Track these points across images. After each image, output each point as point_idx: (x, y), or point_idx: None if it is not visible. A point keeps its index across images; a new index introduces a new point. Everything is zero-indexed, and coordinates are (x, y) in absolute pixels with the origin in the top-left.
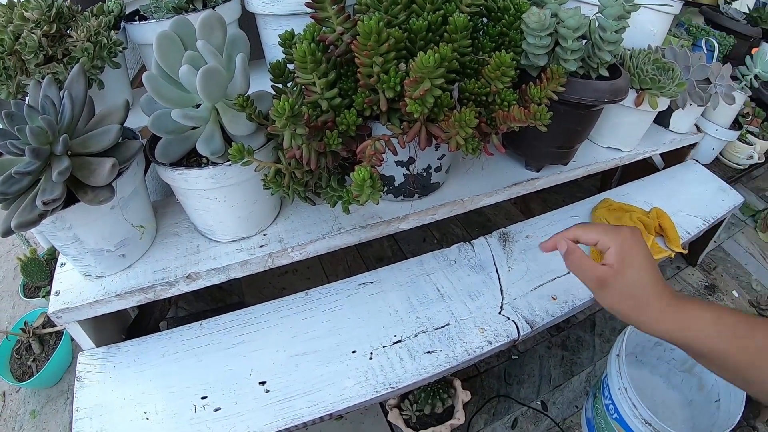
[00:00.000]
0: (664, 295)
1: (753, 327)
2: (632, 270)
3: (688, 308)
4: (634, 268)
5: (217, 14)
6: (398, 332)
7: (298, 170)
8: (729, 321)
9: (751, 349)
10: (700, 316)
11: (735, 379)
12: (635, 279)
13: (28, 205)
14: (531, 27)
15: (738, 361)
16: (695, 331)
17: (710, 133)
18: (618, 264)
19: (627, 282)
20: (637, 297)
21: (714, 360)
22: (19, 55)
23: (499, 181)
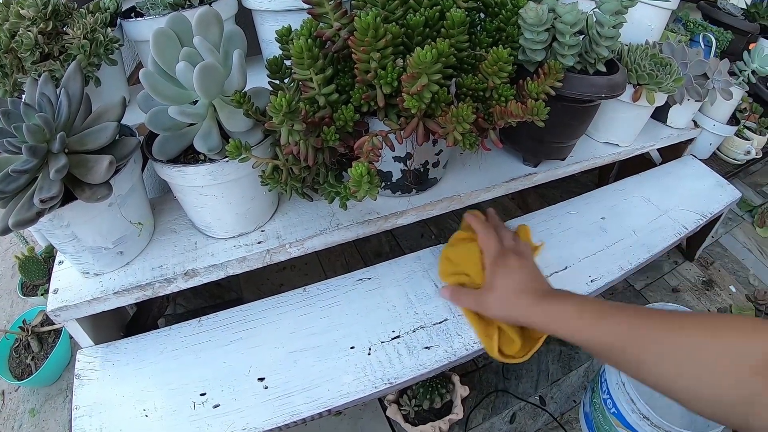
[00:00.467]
0: (532, 294)
1: (614, 313)
2: (499, 287)
3: (553, 302)
4: (500, 285)
5: (213, 10)
6: (396, 328)
7: (295, 166)
8: (591, 309)
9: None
10: (563, 309)
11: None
12: (501, 293)
13: (26, 203)
14: (528, 22)
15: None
16: (560, 323)
17: (707, 128)
18: (488, 283)
19: (496, 295)
20: (507, 304)
21: (588, 349)
22: (15, 53)
23: (496, 177)
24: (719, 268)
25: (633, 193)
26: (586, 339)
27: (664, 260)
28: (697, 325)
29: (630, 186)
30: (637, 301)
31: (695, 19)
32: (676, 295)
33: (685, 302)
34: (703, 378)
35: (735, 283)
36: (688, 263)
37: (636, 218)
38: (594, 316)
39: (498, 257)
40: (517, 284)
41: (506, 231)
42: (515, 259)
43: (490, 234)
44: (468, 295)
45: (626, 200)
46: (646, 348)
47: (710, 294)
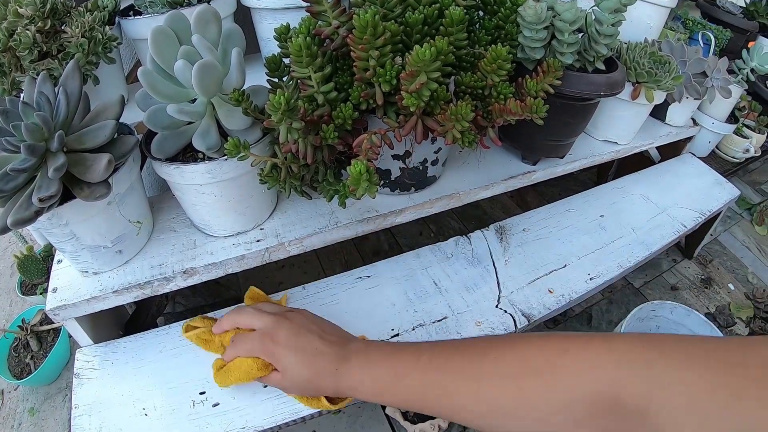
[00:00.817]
0: (328, 371)
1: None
2: (290, 367)
3: (350, 374)
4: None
5: (212, 8)
6: (396, 326)
7: (294, 164)
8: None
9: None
10: (361, 381)
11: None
12: (295, 375)
13: (24, 202)
14: (527, 20)
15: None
16: (365, 394)
17: (706, 126)
18: (277, 367)
19: (291, 379)
20: (309, 385)
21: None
22: (13, 52)
23: (495, 175)
24: (718, 266)
25: (632, 191)
26: (388, 403)
27: (663, 258)
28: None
29: (629, 184)
30: (636, 299)
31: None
32: (674, 293)
33: (684, 300)
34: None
35: (734, 281)
36: (686, 261)
37: (635, 216)
38: (389, 381)
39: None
40: (309, 363)
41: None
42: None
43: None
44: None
45: (625, 198)
46: (444, 404)
47: (709, 292)
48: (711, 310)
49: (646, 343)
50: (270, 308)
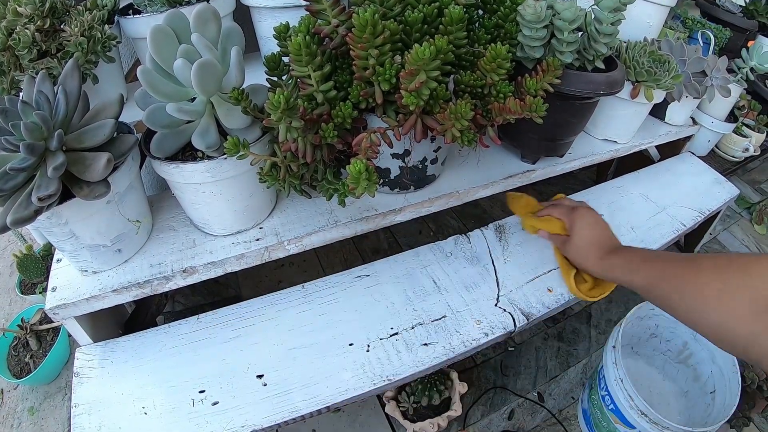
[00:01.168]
0: (600, 250)
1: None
2: (577, 237)
3: (611, 258)
4: (578, 236)
5: (211, 7)
6: (395, 324)
7: (293, 163)
8: (636, 260)
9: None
10: (617, 264)
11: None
12: (579, 243)
13: (24, 201)
14: (527, 19)
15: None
16: (614, 273)
17: (706, 125)
18: (570, 233)
19: (575, 244)
20: (581, 253)
21: (634, 290)
22: (12, 51)
23: (494, 173)
24: None
25: (631, 190)
26: (630, 283)
27: None
28: (711, 267)
29: (628, 183)
30: (635, 298)
31: (694, 17)
32: None
33: None
34: (711, 314)
35: None
36: None
37: (634, 215)
38: (636, 266)
39: (577, 210)
40: (590, 240)
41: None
42: (590, 215)
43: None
44: (558, 238)
45: (624, 197)
46: (671, 288)
47: None
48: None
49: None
50: (575, 203)
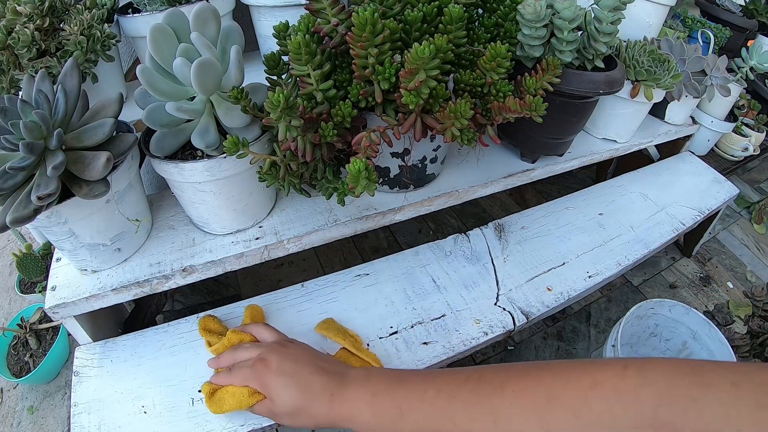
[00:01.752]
0: (323, 395)
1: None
2: (279, 396)
3: (346, 400)
4: (279, 395)
5: (211, 6)
6: (394, 323)
7: (293, 162)
8: (383, 403)
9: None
10: (358, 409)
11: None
12: (285, 403)
13: (23, 200)
14: (526, 18)
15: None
16: (361, 424)
17: (705, 124)
18: (268, 396)
19: (281, 407)
20: (300, 413)
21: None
22: (11, 50)
23: (494, 173)
24: (716, 264)
25: (631, 190)
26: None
27: (662, 256)
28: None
29: (628, 182)
30: (635, 297)
31: (694, 16)
32: (673, 291)
33: (683, 298)
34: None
35: (732, 279)
36: (685, 259)
37: (634, 214)
38: (393, 415)
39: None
40: (301, 391)
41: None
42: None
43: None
44: (259, 408)
45: (624, 196)
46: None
47: (707, 290)
48: (710, 308)
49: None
50: (268, 335)
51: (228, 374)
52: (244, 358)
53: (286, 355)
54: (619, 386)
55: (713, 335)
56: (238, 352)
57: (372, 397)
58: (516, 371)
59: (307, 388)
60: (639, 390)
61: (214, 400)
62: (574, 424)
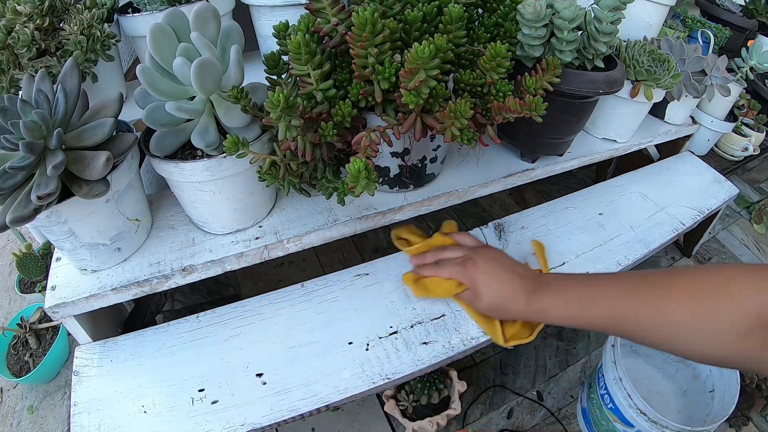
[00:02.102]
0: (521, 296)
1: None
2: (488, 295)
3: (542, 300)
4: (488, 293)
5: (210, 6)
6: (394, 323)
7: (293, 162)
8: (575, 297)
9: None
10: (553, 305)
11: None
12: (492, 299)
13: (23, 200)
14: (526, 18)
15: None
16: (551, 317)
17: (705, 124)
18: (475, 291)
19: (488, 302)
20: (500, 309)
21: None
22: (11, 50)
23: (494, 172)
24: None
25: (630, 189)
26: (575, 325)
27: (662, 256)
28: (682, 296)
29: (628, 182)
30: None
31: (693, 16)
32: None
33: None
34: (695, 345)
35: None
36: (685, 259)
37: (633, 214)
38: (579, 305)
39: (469, 262)
40: (504, 291)
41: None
42: (489, 262)
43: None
44: (461, 296)
45: (624, 196)
46: (633, 326)
47: None
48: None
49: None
50: (470, 241)
51: (435, 268)
52: (451, 257)
53: (490, 258)
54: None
55: None
56: (444, 252)
57: (564, 293)
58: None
59: (508, 289)
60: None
61: (419, 286)
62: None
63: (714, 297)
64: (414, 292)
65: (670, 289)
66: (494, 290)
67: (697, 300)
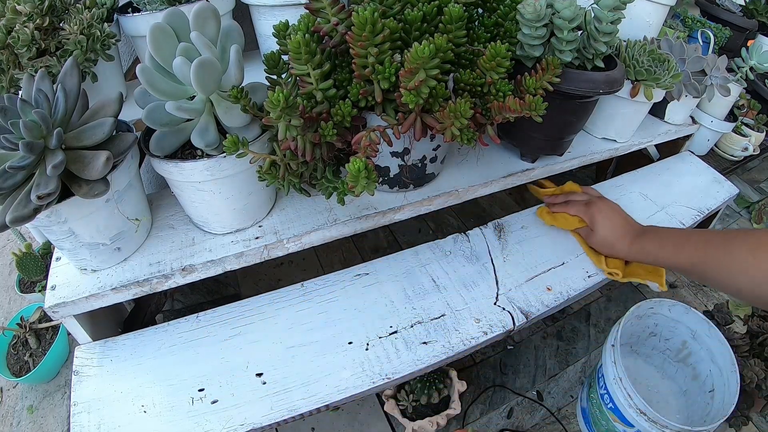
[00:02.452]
0: (626, 238)
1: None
2: (601, 232)
3: (641, 243)
4: (602, 231)
5: (210, 5)
6: (394, 323)
7: (293, 162)
8: (669, 243)
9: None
10: (649, 248)
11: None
12: (604, 236)
13: (23, 199)
14: (526, 18)
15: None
16: (649, 257)
17: (705, 124)
18: (592, 227)
19: (600, 238)
20: (608, 245)
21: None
22: (11, 49)
23: (494, 172)
24: None
25: (630, 189)
26: (667, 265)
27: None
28: (743, 245)
29: (627, 182)
30: (634, 296)
31: (693, 16)
32: (673, 291)
33: (682, 298)
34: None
35: None
36: None
37: (633, 214)
38: (672, 249)
39: (592, 205)
40: (613, 232)
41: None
42: (607, 207)
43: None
44: (580, 231)
45: (624, 196)
46: (707, 267)
47: (707, 290)
48: (709, 308)
49: None
50: (594, 192)
51: (564, 206)
52: (578, 200)
53: (608, 205)
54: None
55: (713, 335)
56: (574, 196)
57: (660, 240)
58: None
59: (618, 230)
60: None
61: (550, 218)
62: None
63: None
64: (545, 221)
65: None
66: (606, 230)
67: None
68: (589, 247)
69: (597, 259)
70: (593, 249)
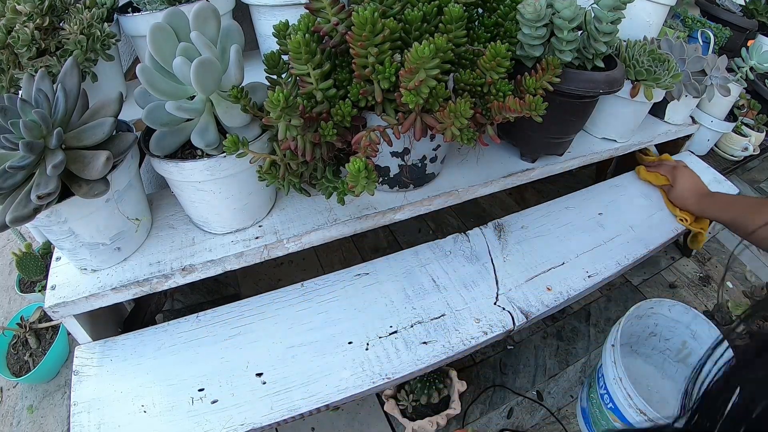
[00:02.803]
0: (696, 196)
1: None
2: (679, 188)
3: (706, 201)
4: (680, 187)
5: (210, 5)
6: (394, 323)
7: (293, 161)
8: (722, 203)
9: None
10: (710, 206)
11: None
12: (680, 191)
13: (23, 199)
14: (526, 18)
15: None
16: (709, 213)
17: (705, 124)
18: (674, 184)
19: (678, 192)
20: (682, 198)
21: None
22: (11, 49)
23: (494, 172)
24: (716, 264)
25: (630, 189)
26: (719, 218)
27: (662, 256)
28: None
29: (628, 182)
30: (634, 296)
31: (694, 16)
32: (673, 290)
33: (682, 298)
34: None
35: (732, 278)
36: (685, 259)
37: (633, 214)
38: (725, 207)
39: (677, 169)
40: (688, 190)
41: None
42: (688, 172)
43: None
44: (664, 187)
45: (624, 196)
46: (746, 220)
47: (707, 290)
48: (709, 308)
49: None
50: (682, 163)
51: (657, 167)
52: (668, 164)
53: (688, 172)
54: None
55: (713, 335)
56: (666, 162)
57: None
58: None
59: (691, 189)
60: None
61: (646, 174)
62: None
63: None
64: (641, 176)
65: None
66: (683, 188)
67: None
68: (668, 200)
69: (672, 209)
70: (671, 202)
